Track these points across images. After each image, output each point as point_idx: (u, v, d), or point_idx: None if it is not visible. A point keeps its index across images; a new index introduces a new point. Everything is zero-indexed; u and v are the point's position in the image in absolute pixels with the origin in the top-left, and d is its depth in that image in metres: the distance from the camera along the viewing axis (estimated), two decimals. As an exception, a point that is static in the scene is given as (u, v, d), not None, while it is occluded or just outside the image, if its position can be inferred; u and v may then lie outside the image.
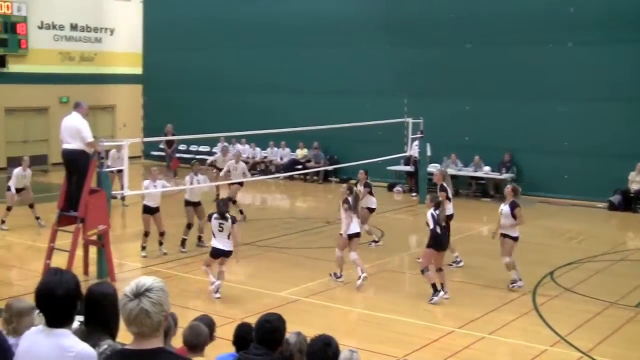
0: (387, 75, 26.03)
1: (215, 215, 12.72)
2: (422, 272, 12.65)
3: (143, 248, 15.57)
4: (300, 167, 27.14)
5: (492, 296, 13.02)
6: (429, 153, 23.05)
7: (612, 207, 21.75)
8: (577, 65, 22.60)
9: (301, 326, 6.96)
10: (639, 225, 20.29)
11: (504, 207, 13.40)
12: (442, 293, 12.57)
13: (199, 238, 16.34)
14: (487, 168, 23.64)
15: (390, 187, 25.11)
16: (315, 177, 26.71)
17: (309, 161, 27.37)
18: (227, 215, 12.67)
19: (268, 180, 25.94)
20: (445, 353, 10.12)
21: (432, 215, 12.61)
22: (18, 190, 18.26)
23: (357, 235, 13.68)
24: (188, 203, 16.20)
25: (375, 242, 16.76)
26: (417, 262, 13.28)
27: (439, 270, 12.74)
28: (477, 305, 12.45)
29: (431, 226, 12.60)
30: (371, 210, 16.46)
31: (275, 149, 28.52)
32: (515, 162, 23.62)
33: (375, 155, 22.07)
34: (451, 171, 23.93)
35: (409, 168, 24.65)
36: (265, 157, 28.65)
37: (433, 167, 23.98)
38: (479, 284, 13.68)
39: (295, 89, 27.95)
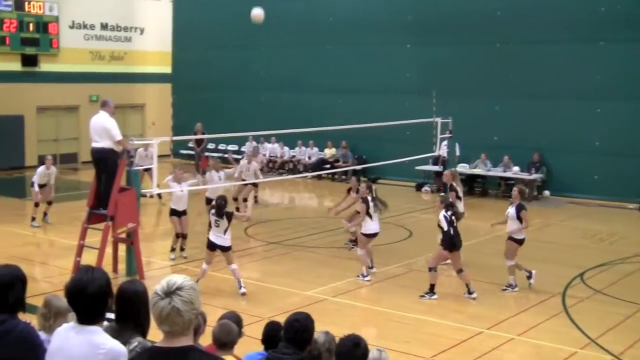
0: (417, 74, 25.93)
1: (212, 211, 12.88)
2: (430, 269, 12.72)
3: (172, 250, 15.50)
4: (328, 166, 27.14)
5: (521, 297, 12.93)
6: (457, 153, 22.92)
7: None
8: (609, 65, 22.37)
9: (328, 326, 6.96)
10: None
11: (511, 210, 13.29)
12: (435, 295, 12.63)
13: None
14: (516, 168, 23.47)
15: (419, 187, 25.04)
16: (343, 177, 26.68)
17: (337, 161, 27.37)
18: (224, 212, 12.68)
19: (296, 179, 25.97)
20: (473, 354, 10.06)
21: (445, 217, 12.64)
22: (41, 187, 18.47)
23: (376, 234, 13.95)
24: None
25: (352, 241, 16.08)
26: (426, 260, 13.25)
27: (460, 271, 12.76)
28: (506, 306, 12.38)
29: (445, 228, 12.63)
30: None
31: (304, 148, 28.56)
32: (544, 162, 23.43)
33: (403, 155, 21.99)
34: (480, 171, 23.93)
35: (437, 168, 24.54)
36: (294, 157, 28.69)
37: (462, 167, 23.93)
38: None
39: (324, 88, 27.96)
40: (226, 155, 22.65)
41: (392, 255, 15.60)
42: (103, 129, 13.18)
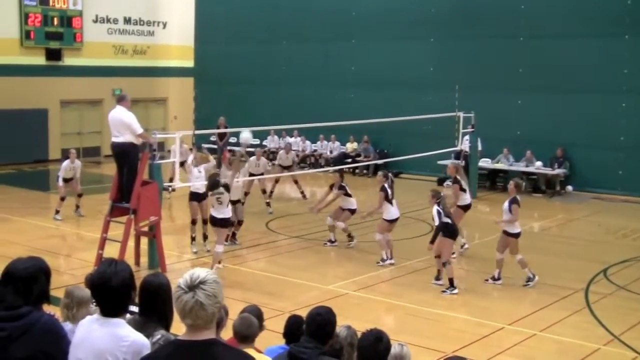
0: (439, 68, 25.85)
1: (210, 193, 13.28)
2: (444, 265, 12.81)
3: (193, 239, 15.47)
4: (350, 160, 27.11)
5: (544, 293, 12.85)
6: (479, 147, 22.83)
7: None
8: (634, 58, 22.16)
9: (350, 320, 6.96)
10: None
11: (505, 204, 13.33)
12: (456, 290, 12.65)
13: (233, 235, 15.91)
14: (538, 163, 23.31)
15: (440, 182, 24.94)
16: (365, 171, 26.66)
17: (358, 155, 27.34)
18: (222, 185, 13.07)
19: (318, 173, 25.97)
20: (495, 349, 10.02)
21: (438, 212, 12.74)
22: (66, 181, 18.62)
23: (397, 219, 14.58)
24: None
25: (332, 242, 16.09)
26: (428, 250, 13.32)
27: (439, 257, 12.99)
28: (529, 302, 12.33)
29: (437, 222, 12.77)
30: (352, 211, 15.91)
31: (325, 142, 28.56)
32: (567, 157, 23.26)
33: (425, 149, 21.94)
34: (502, 166, 23.81)
35: (459, 162, 24.42)
36: (315, 151, 28.70)
37: (484, 162, 23.83)
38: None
39: (346, 83, 27.96)
40: (237, 149, 22.60)
41: (414, 250, 15.56)
42: (122, 124, 13.24)
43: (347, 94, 27.88)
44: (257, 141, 29.79)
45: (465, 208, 15.16)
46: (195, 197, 15.43)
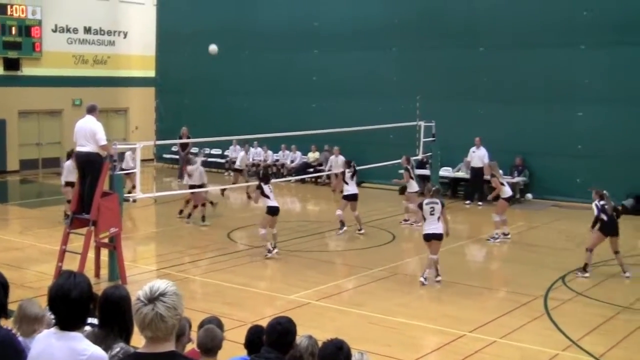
0: (401, 78, 26.02)
1: (263, 183, 16.05)
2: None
3: (187, 215, 18.90)
4: (311, 170, 27.16)
5: (505, 300, 13.01)
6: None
7: (625, 211, 21.62)
8: (591, 68, 22.54)
9: (312, 329, 6.97)
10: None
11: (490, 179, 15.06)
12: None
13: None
14: (500, 172, 23.50)
15: (402, 191, 25.04)
16: (327, 180, 26.72)
17: (320, 164, 27.39)
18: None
19: (280, 183, 25.96)
20: (456, 357, 10.10)
21: (596, 206, 14.38)
22: (69, 185, 18.15)
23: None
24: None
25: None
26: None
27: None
28: (489, 309, 12.44)
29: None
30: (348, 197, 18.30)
31: (287, 152, 28.58)
32: (527, 165, 23.55)
33: (387, 158, 22.06)
34: (463, 174, 24.02)
35: (422, 171, 24.61)
36: (277, 160, 28.70)
37: (445, 171, 24.03)
38: (491, 288, 13.65)
39: (309, 93, 28.01)
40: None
41: (376, 259, 15.65)
42: (91, 133, 13.15)
43: (309, 104, 27.93)
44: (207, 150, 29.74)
45: (508, 200, 17.88)
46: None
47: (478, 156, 23.08)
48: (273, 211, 15.73)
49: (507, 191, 17.77)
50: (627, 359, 10.06)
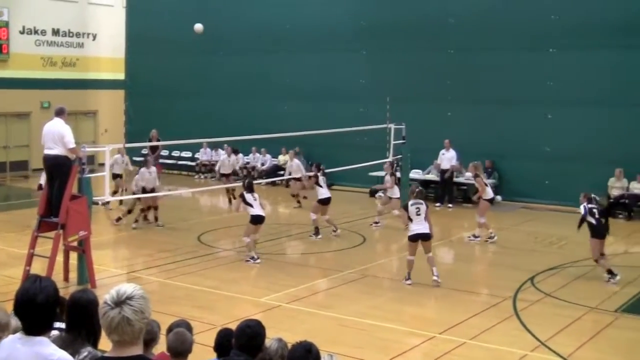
0: (371, 80, 26.14)
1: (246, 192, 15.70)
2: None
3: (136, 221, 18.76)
4: (282, 172, 27.11)
5: (474, 301, 13.09)
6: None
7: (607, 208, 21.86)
8: (559, 71, 22.79)
9: (282, 332, 6.98)
10: (619, 230, 20.37)
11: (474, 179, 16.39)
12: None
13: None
14: (468, 174, 23.70)
15: (373, 193, 25.15)
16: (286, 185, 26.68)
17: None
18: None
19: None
20: (426, 358, 10.16)
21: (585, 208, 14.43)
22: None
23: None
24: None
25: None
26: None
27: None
28: (459, 310, 12.50)
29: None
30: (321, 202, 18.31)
31: (257, 154, 28.54)
32: (496, 167, 23.74)
33: (357, 161, 22.12)
34: (433, 177, 24.16)
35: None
36: (248, 163, 28.63)
37: (415, 173, 24.16)
38: (460, 290, 13.73)
39: (280, 95, 28.00)
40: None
41: (346, 261, 15.68)
42: (59, 136, 13.04)
43: (280, 106, 27.91)
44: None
45: (490, 201, 18.18)
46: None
47: (447, 158, 23.28)
48: (256, 220, 15.52)
49: (489, 192, 18.02)
50: (595, 359, 10.17)
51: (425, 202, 14.19)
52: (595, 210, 14.35)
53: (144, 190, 18.83)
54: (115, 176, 20.99)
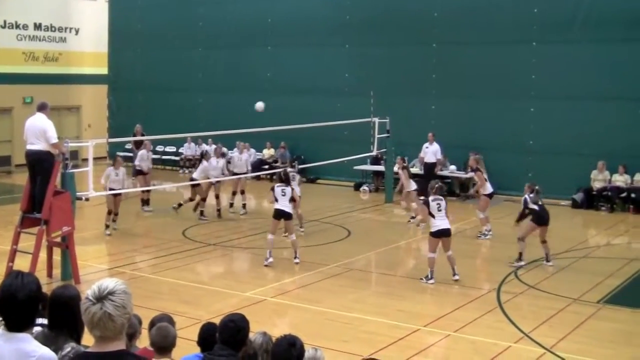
0: (354, 74, 26.14)
1: (277, 184, 15.33)
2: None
3: (107, 227, 17.68)
4: (267, 167, 27.11)
5: (458, 294, 13.15)
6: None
7: (575, 204, 22.07)
8: (542, 65, 22.88)
9: (267, 326, 6.99)
10: (601, 222, 20.59)
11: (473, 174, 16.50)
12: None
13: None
14: (452, 167, 23.81)
15: (357, 187, 25.19)
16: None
17: (275, 161, 27.35)
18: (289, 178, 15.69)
19: (235, 179, 25.83)
20: (410, 351, 10.19)
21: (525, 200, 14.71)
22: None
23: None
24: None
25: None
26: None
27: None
28: (443, 303, 12.57)
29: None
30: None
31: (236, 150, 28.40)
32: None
33: (342, 155, 22.15)
34: (417, 170, 24.20)
35: (376, 167, 24.74)
36: (231, 157, 28.50)
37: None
38: (445, 283, 13.78)
39: (263, 89, 27.90)
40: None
41: (331, 255, 15.71)
42: (41, 131, 12.97)
43: (264, 100, 27.78)
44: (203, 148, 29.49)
45: (489, 196, 17.85)
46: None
47: (431, 152, 23.31)
48: (275, 214, 14.97)
49: (488, 187, 17.79)
50: (577, 350, 10.25)
51: (445, 198, 14.23)
52: (537, 199, 14.74)
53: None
54: (137, 172, 21.06)
